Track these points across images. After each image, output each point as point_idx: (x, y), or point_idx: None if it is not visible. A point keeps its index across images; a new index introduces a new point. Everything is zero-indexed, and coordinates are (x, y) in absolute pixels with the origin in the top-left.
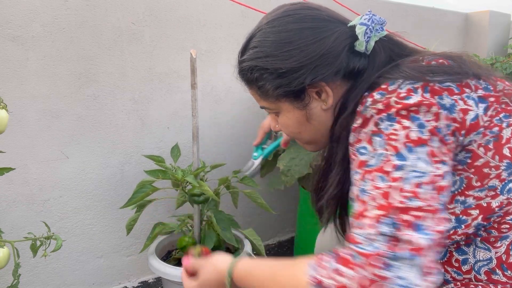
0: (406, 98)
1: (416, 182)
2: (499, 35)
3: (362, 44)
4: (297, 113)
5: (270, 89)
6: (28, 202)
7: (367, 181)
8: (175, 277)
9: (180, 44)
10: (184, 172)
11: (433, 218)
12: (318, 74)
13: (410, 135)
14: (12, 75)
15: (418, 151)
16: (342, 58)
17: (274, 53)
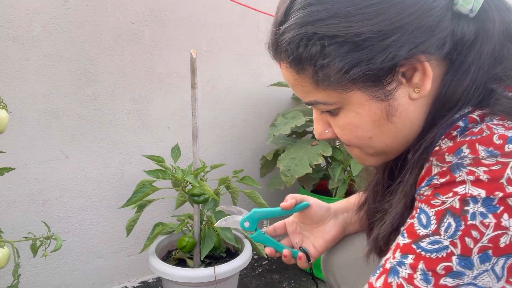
0: None
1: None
2: None
3: (469, 0)
4: (374, 106)
5: (341, 71)
6: (28, 202)
7: (405, 265)
8: (175, 277)
9: (180, 44)
10: (184, 172)
11: None
12: (418, 41)
13: (499, 241)
14: (12, 75)
15: (497, 262)
16: (448, 20)
17: (347, 10)
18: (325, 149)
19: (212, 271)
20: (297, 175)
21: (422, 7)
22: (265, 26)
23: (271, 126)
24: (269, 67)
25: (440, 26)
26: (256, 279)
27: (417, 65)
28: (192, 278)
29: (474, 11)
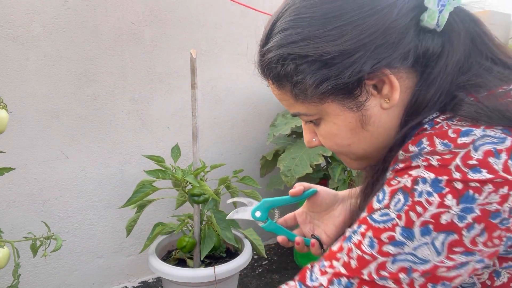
0: (474, 169)
1: (404, 266)
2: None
3: (434, 15)
4: (349, 116)
5: (312, 85)
6: (28, 202)
7: (358, 233)
8: (175, 277)
9: (180, 44)
10: (184, 172)
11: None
12: (381, 57)
13: (441, 217)
14: (12, 75)
15: (437, 237)
16: (411, 36)
17: (316, 33)
18: (325, 149)
19: (212, 271)
20: (297, 175)
21: (382, 27)
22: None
23: (271, 126)
24: None
25: (401, 42)
26: (256, 279)
27: (384, 78)
28: (192, 278)
29: (441, 26)
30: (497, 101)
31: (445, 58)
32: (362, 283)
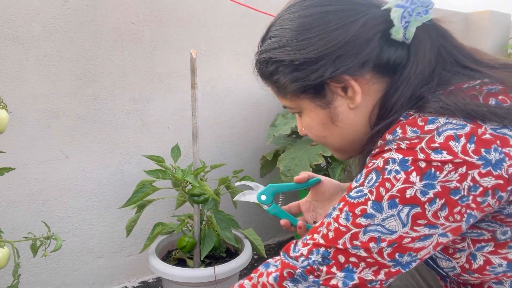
0: (436, 151)
1: (373, 236)
2: (499, 35)
3: (399, 30)
4: (320, 112)
5: (286, 84)
6: (28, 202)
7: (337, 209)
8: (175, 277)
9: (180, 44)
10: (184, 172)
11: (369, 269)
12: (340, 65)
13: (406, 192)
14: (12, 75)
15: (402, 209)
16: (371, 47)
17: (290, 42)
18: (325, 149)
19: (212, 271)
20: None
21: (343, 41)
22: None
23: (271, 126)
24: None
25: (360, 53)
26: None
27: (346, 83)
28: (192, 278)
29: (409, 39)
30: (459, 96)
31: (410, 66)
32: (337, 251)
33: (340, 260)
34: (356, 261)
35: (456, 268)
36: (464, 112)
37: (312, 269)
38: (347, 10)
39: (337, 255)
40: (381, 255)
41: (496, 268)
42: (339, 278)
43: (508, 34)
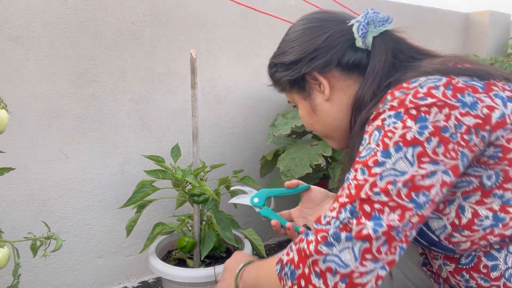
0: (422, 98)
1: (390, 180)
2: (499, 35)
3: (359, 40)
4: (305, 103)
5: (281, 80)
6: (28, 202)
7: (352, 171)
8: (175, 277)
9: (180, 44)
10: (184, 172)
11: (394, 213)
12: (311, 65)
13: (406, 135)
14: (12, 75)
15: (407, 150)
16: (334, 52)
17: (284, 49)
18: (325, 149)
19: (212, 271)
20: (297, 175)
21: (314, 47)
22: (265, 26)
23: (271, 126)
24: None
25: (327, 55)
26: None
27: (318, 78)
28: (192, 278)
29: (369, 45)
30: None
31: (370, 66)
32: (362, 202)
33: (366, 210)
34: (380, 207)
35: (447, 226)
36: (439, 71)
37: (344, 225)
38: (320, 26)
39: (363, 206)
40: (400, 196)
41: (484, 221)
42: (369, 227)
43: (508, 34)
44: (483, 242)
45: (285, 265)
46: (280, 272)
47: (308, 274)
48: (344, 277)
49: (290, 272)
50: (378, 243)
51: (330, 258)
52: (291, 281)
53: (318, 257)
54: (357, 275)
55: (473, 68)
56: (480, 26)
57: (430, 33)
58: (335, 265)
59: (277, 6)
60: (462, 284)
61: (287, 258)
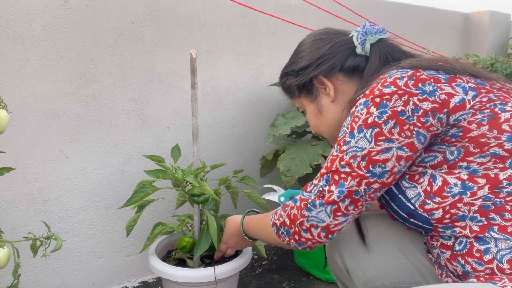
0: (387, 86)
1: (352, 155)
2: (499, 35)
3: (358, 47)
4: (312, 106)
5: (291, 87)
6: (28, 202)
7: (332, 148)
8: (175, 277)
9: (180, 44)
10: (184, 172)
11: (354, 180)
12: (318, 69)
13: (367, 120)
14: (12, 75)
15: (367, 132)
16: (338, 58)
17: (294, 60)
18: (325, 149)
19: (212, 271)
20: (297, 175)
21: (319, 55)
22: (265, 26)
23: (271, 126)
24: (269, 67)
25: (331, 61)
26: (256, 279)
27: (323, 82)
28: (192, 278)
29: (367, 51)
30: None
31: (367, 68)
32: (333, 173)
33: (336, 179)
34: (345, 177)
35: (421, 194)
36: (410, 66)
37: (319, 192)
38: (325, 38)
39: (334, 176)
40: (359, 167)
41: (453, 188)
42: (335, 193)
43: (508, 34)
44: (454, 210)
45: (280, 227)
46: (277, 232)
47: (299, 231)
48: (323, 228)
49: (285, 231)
50: (345, 203)
51: (311, 218)
52: (288, 237)
53: (302, 219)
54: (333, 226)
55: (443, 64)
56: (480, 26)
57: (430, 33)
58: (316, 222)
59: (277, 6)
60: (459, 270)
61: (279, 222)
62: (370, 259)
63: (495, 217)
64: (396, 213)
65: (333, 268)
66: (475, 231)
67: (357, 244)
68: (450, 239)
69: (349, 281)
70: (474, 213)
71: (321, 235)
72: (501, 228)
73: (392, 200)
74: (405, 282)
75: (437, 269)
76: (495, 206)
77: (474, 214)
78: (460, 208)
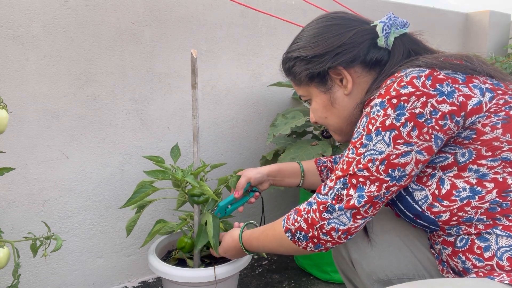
0: (404, 87)
1: (370, 158)
2: (499, 35)
3: (382, 39)
4: (323, 97)
5: (301, 74)
6: (28, 202)
7: (347, 149)
8: (175, 277)
9: (180, 44)
10: (184, 172)
11: (373, 184)
12: (337, 59)
13: (385, 122)
14: (12, 75)
15: (385, 134)
16: (360, 49)
17: (305, 44)
18: (325, 149)
19: (212, 271)
20: None
21: (339, 43)
22: (265, 26)
23: (271, 126)
24: (269, 67)
25: (352, 51)
26: (256, 279)
27: (341, 73)
28: (192, 278)
29: (390, 45)
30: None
31: (389, 63)
32: (350, 177)
33: (353, 182)
34: (363, 180)
35: (428, 196)
36: (427, 64)
37: (337, 196)
38: (345, 24)
39: (351, 179)
40: (378, 172)
41: (461, 192)
42: (354, 197)
43: (508, 34)
44: (461, 214)
45: (295, 232)
46: (293, 238)
47: (318, 234)
48: (344, 232)
49: (302, 236)
50: (365, 208)
51: (332, 221)
52: (305, 241)
53: (323, 222)
54: (353, 229)
55: (459, 63)
56: (480, 26)
57: (430, 33)
58: (337, 225)
59: (277, 6)
60: (460, 266)
61: (294, 227)
62: (374, 251)
63: (500, 218)
64: (403, 213)
65: (337, 259)
66: (479, 229)
67: (362, 236)
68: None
69: (353, 272)
70: (481, 215)
71: (342, 237)
72: (505, 227)
73: (399, 200)
74: (409, 274)
75: (438, 264)
76: (501, 209)
77: (481, 216)
78: (468, 211)
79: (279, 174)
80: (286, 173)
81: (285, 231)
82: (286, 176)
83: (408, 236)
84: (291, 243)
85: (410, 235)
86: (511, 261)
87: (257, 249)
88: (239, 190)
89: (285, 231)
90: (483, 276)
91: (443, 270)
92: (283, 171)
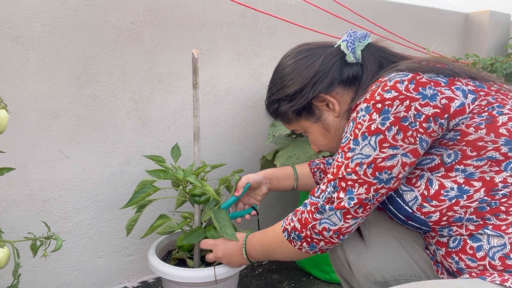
0: (387, 91)
1: (357, 162)
2: (499, 35)
3: (350, 55)
4: (317, 126)
5: (288, 112)
6: (28, 202)
7: (337, 153)
8: (175, 277)
9: (180, 44)
10: (186, 172)
11: (362, 187)
12: (316, 89)
13: (371, 127)
14: (12, 75)
15: (371, 139)
16: (334, 71)
17: (282, 85)
18: None
19: (212, 271)
20: None
21: (312, 74)
22: (265, 26)
23: (271, 126)
24: (269, 67)
25: (327, 77)
26: (256, 279)
27: (325, 99)
28: (192, 278)
29: (359, 58)
30: (406, 62)
31: (365, 75)
32: (340, 180)
33: (343, 186)
34: (352, 184)
35: (418, 197)
36: (409, 68)
37: (328, 199)
38: (311, 54)
39: (341, 183)
40: (366, 175)
41: (449, 192)
42: (344, 199)
43: (508, 34)
44: (451, 213)
45: (291, 232)
46: (289, 237)
47: (310, 234)
48: (335, 231)
49: (296, 236)
50: (354, 208)
51: (323, 221)
52: (299, 241)
53: (315, 222)
54: (344, 229)
55: (441, 67)
56: (480, 26)
57: (430, 33)
58: (328, 225)
59: (277, 6)
60: (454, 266)
61: (290, 227)
62: (371, 253)
63: (490, 217)
64: (394, 215)
65: (334, 261)
66: (470, 229)
67: (359, 238)
68: (446, 237)
69: (350, 274)
70: (470, 215)
71: (334, 237)
72: (495, 227)
73: (390, 202)
74: (405, 275)
75: (433, 265)
76: (490, 208)
77: (470, 216)
78: (457, 210)
79: (273, 177)
80: (281, 176)
81: (283, 230)
82: (281, 179)
83: (404, 237)
84: (288, 243)
85: (406, 236)
86: (503, 261)
87: (254, 248)
88: (239, 189)
89: (283, 231)
90: (475, 277)
91: (437, 271)
92: (277, 174)
